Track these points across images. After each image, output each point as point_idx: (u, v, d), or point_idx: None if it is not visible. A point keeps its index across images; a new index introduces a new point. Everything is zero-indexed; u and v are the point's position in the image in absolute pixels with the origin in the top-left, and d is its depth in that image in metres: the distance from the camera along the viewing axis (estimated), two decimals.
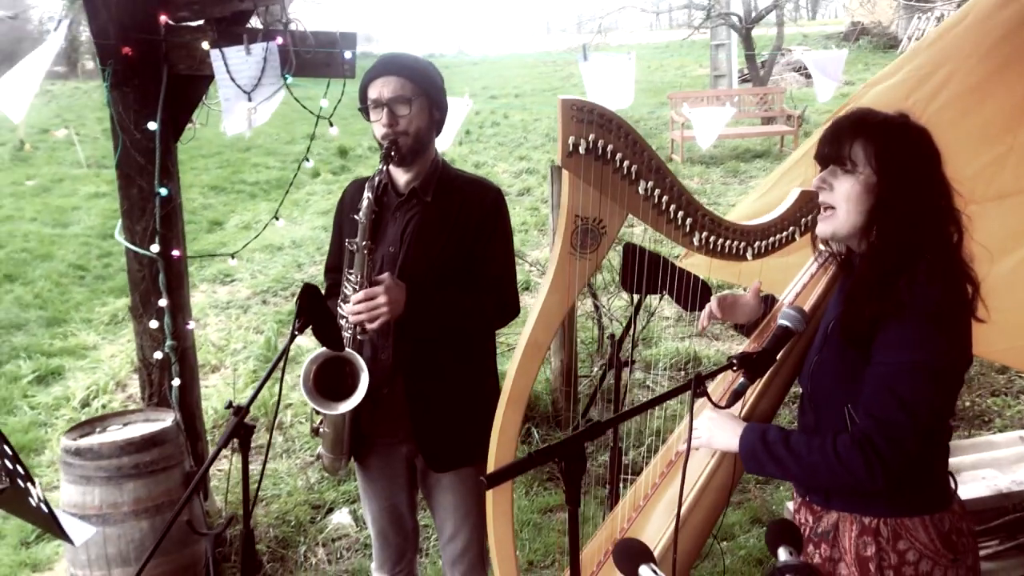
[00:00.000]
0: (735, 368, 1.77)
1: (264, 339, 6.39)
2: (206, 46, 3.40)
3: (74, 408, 5.41)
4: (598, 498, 3.47)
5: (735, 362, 1.77)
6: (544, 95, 19.33)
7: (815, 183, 1.84)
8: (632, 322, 2.54)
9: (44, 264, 8.36)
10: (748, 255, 2.09)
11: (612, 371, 2.62)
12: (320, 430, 2.55)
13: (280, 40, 3.43)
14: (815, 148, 1.86)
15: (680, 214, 2.00)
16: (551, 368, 5.04)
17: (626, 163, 1.93)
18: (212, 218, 10.12)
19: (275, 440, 4.95)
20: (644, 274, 2.29)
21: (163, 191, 3.55)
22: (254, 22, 3.65)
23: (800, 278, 2.16)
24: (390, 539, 2.73)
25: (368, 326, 2.35)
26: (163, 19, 3.42)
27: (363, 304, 2.31)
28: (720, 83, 16.55)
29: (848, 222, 1.79)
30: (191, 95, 3.65)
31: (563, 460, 1.45)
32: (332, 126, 3.70)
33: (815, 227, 1.91)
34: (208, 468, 2.12)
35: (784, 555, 1.32)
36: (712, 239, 2.05)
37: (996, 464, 3.49)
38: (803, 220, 2.12)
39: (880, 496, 1.78)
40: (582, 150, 1.90)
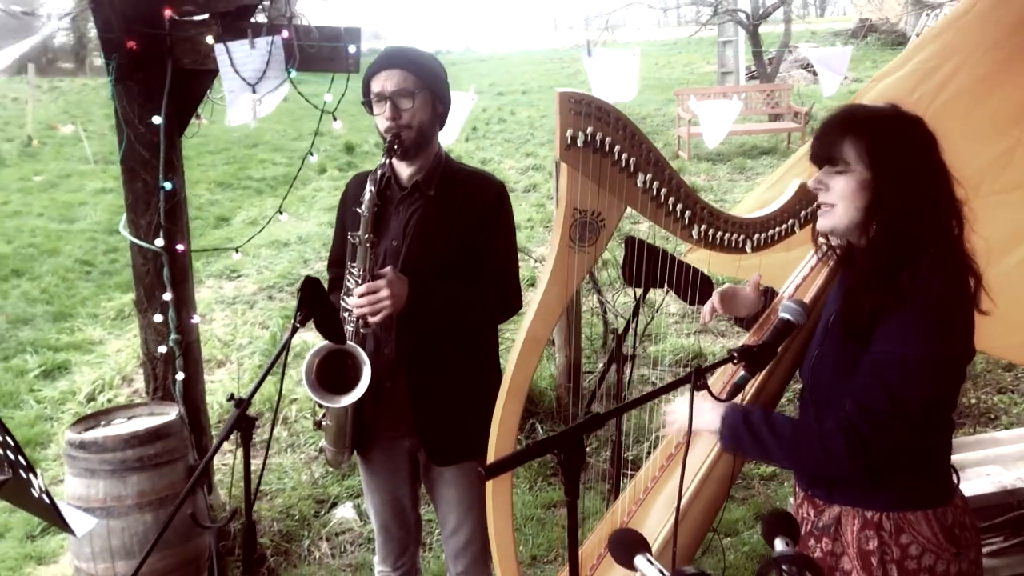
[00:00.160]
0: (735, 361, 1.77)
1: (270, 334, 6.40)
2: (210, 40, 3.40)
3: (80, 402, 5.43)
4: (601, 493, 3.46)
5: (735, 355, 1.76)
6: (551, 92, 19.05)
7: (811, 185, 1.84)
8: (635, 316, 2.54)
9: (51, 259, 8.39)
10: (747, 248, 2.08)
11: (615, 366, 2.61)
12: (323, 423, 2.55)
13: (285, 34, 3.43)
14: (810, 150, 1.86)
15: (679, 207, 2.00)
16: (556, 364, 5.03)
17: (624, 156, 1.93)
18: (219, 214, 10.14)
19: (280, 435, 4.96)
20: (645, 267, 2.28)
21: (167, 185, 3.55)
22: (259, 17, 3.65)
23: (800, 271, 2.15)
24: (393, 533, 2.73)
25: (371, 319, 2.35)
26: (167, 13, 3.41)
27: (366, 297, 2.31)
28: (727, 80, 16.51)
29: (847, 219, 1.78)
30: (195, 89, 3.65)
31: (561, 452, 1.44)
32: (336, 120, 3.70)
33: (815, 221, 1.91)
34: (210, 460, 2.13)
35: (780, 545, 1.31)
36: (711, 232, 2.04)
37: (1001, 461, 3.47)
38: (803, 213, 2.11)
39: (883, 490, 1.78)
40: (580, 143, 1.90)
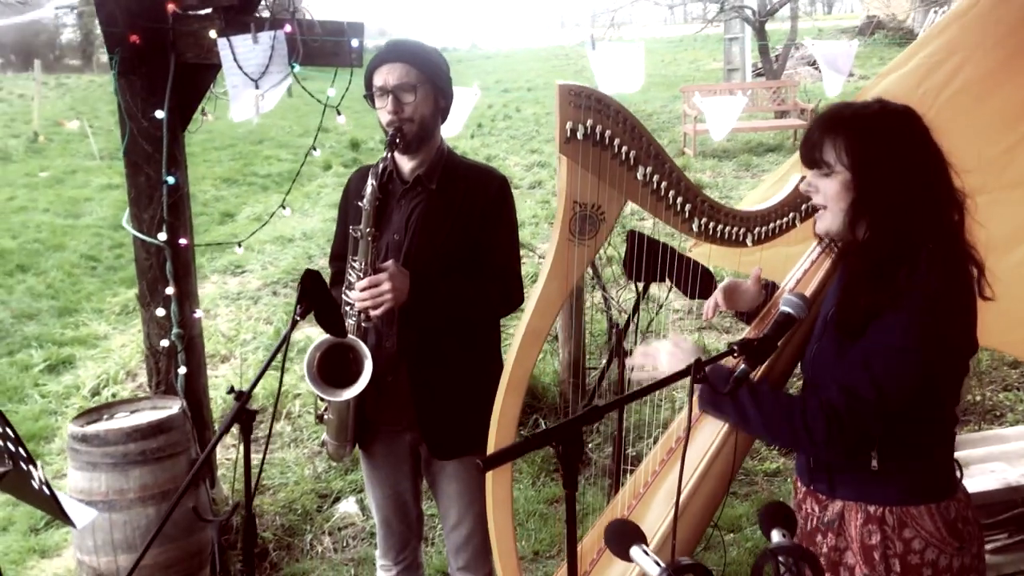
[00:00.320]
0: (736, 354, 1.76)
1: (274, 330, 6.42)
2: (213, 35, 3.40)
3: (84, 397, 5.44)
4: (602, 489, 3.46)
5: (736, 348, 1.75)
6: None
7: (802, 188, 1.85)
8: (635, 311, 2.53)
9: (56, 254, 8.41)
10: (748, 241, 2.07)
11: (616, 360, 2.61)
12: (324, 417, 2.55)
13: (288, 28, 3.42)
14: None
15: (679, 200, 1.99)
16: (559, 360, 5.03)
17: (624, 148, 1.92)
18: (224, 210, 10.16)
19: (283, 429, 4.97)
20: (647, 261, 2.28)
21: (170, 179, 3.55)
22: (262, 11, 3.64)
23: (802, 264, 2.14)
24: (394, 527, 2.73)
25: (372, 313, 2.35)
26: (171, 7, 3.42)
27: (367, 291, 2.31)
28: (733, 77, 16.44)
29: (837, 220, 1.78)
30: (199, 84, 3.66)
31: (560, 444, 1.44)
32: (339, 115, 3.69)
33: (816, 214, 1.90)
34: (211, 453, 2.13)
35: (777, 537, 1.31)
36: (711, 225, 2.03)
37: (1005, 457, 3.46)
38: (804, 206, 2.09)
39: (886, 484, 1.77)
40: (580, 136, 1.89)
